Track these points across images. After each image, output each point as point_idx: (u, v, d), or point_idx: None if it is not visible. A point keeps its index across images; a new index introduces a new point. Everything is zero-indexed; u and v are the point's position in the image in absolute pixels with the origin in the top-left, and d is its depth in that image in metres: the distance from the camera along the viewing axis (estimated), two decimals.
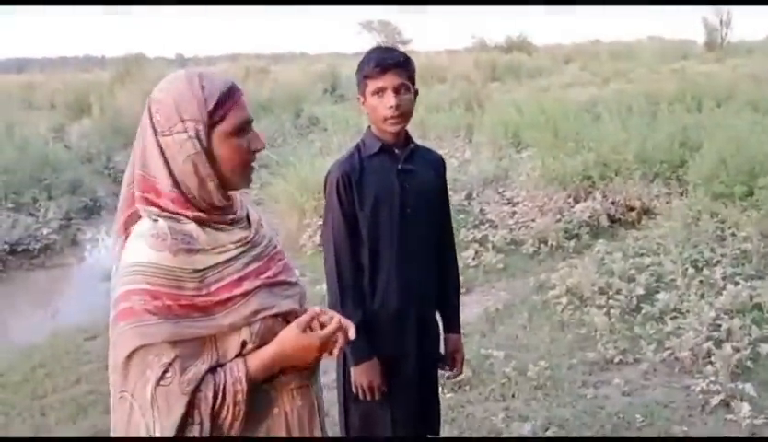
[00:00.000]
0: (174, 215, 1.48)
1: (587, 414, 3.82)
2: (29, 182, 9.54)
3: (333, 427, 3.85)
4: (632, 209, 7.60)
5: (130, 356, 1.39)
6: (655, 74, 20.51)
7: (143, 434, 1.39)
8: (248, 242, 1.57)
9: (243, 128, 1.51)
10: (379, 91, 2.34)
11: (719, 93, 12.79)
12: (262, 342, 1.50)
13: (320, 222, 7.36)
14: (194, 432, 1.40)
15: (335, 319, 1.56)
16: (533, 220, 7.31)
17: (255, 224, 1.64)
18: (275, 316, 1.55)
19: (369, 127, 2.49)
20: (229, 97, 1.49)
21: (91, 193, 10.70)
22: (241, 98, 1.52)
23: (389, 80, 2.33)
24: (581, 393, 4.08)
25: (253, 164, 1.57)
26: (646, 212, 7.51)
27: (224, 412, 1.43)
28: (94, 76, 22.95)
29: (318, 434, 1.65)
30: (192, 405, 1.40)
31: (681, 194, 7.45)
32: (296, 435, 1.60)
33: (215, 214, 1.53)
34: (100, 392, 4.34)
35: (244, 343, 1.49)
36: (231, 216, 1.57)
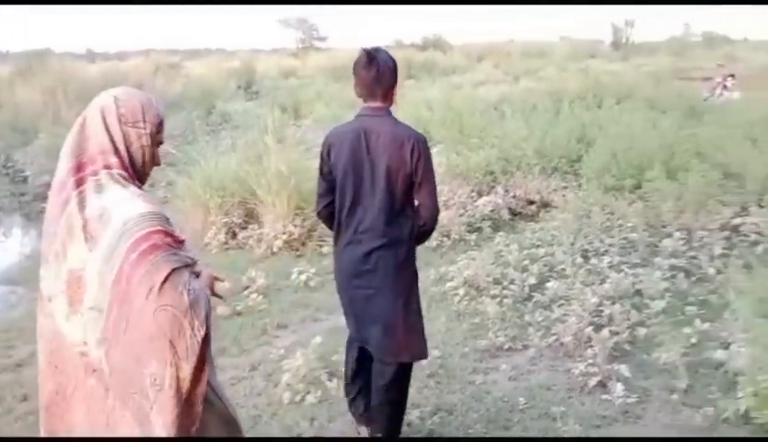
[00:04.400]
0: (128, 181, 2.01)
1: (474, 400, 3.96)
2: None
3: None
4: (531, 202, 7.88)
5: (166, 279, 1.87)
6: (563, 72, 21.21)
7: (186, 333, 1.88)
8: None
9: (162, 143, 2.15)
10: None
11: (621, 91, 13.34)
12: None
13: (225, 219, 7.41)
14: (210, 320, 1.97)
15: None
16: None
17: None
18: None
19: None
20: (164, 120, 2.14)
21: None
22: None
23: None
24: (470, 380, 4.22)
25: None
26: (545, 205, 7.80)
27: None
28: None
29: None
30: (207, 303, 1.98)
31: (578, 187, 7.77)
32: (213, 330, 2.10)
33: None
34: None
35: None
36: None
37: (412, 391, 4.08)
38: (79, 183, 1.96)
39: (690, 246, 5.98)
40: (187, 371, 1.89)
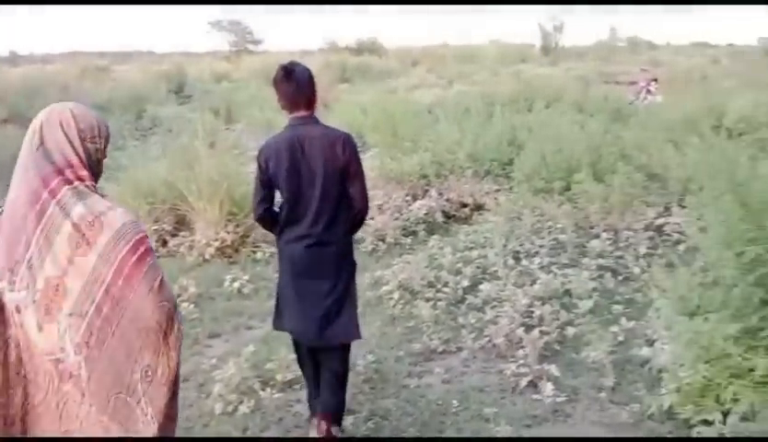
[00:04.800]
0: (96, 191, 2.13)
1: (408, 404, 3.98)
2: None
3: None
4: (465, 205, 7.97)
5: (162, 279, 2.08)
6: (495, 76, 21.57)
7: (175, 325, 2.08)
8: None
9: (106, 156, 2.26)
10: None
11: (550, 94, 13.58)
12: None
13: (155, 227, 7.25)
14: None
15: None
16: (372, 218, 7.44)
17: None
18: None
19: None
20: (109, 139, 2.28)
21: None
22: None
23: None
24: (405, 384, 4.24)
25: None
26: (478, 208, 7.91)
27: None
28: None
29: None
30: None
31: (510, 190, 7.91)
32: None
33: None
34: None
35: None
36: None
37: (347, 397, 4.08)
38: (53, 193, 2.04)
39: (616, 246, 6.15)
40: (175, 360, 2.09)
